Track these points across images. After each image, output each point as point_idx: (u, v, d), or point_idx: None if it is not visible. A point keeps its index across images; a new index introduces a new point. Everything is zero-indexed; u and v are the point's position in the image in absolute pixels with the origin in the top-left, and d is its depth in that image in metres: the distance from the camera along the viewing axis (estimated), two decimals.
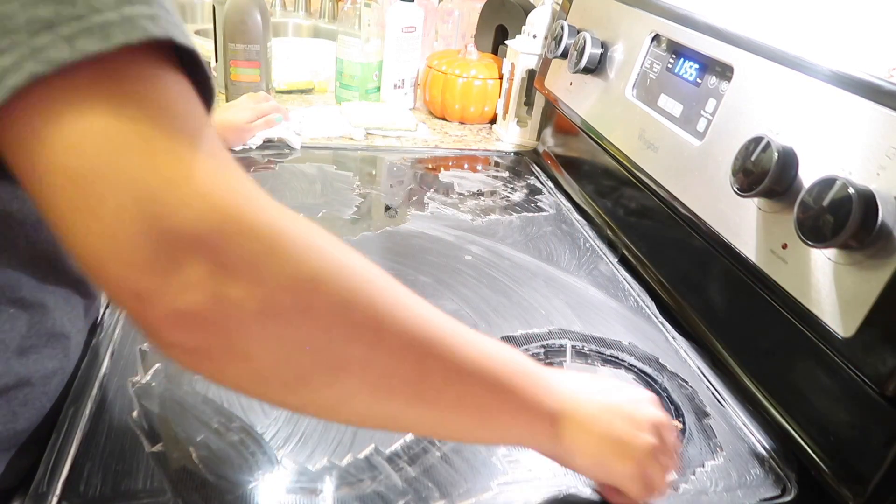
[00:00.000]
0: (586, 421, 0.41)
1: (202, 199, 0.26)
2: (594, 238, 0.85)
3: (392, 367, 0.32)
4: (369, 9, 1.14)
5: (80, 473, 0.43)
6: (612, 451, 0.41)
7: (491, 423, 0.38)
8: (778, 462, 0.52)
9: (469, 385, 0.36)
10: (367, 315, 0.31)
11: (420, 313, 0.34)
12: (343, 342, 0.30)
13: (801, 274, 0.50)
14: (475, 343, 0.37)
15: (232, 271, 0.26)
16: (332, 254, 0.30)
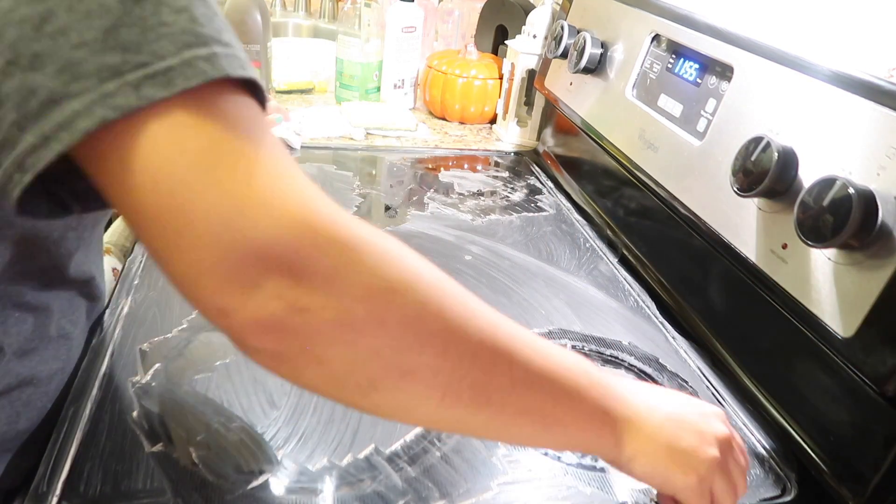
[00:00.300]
0: (651, 430, 0.40)
1: (280, 217, 0.28)
2: (594, 238, 0.85)
3: (460, 375, 0.33)
4: (369, 9, 1.14)
5: (80, 473, 0.43)
6: (674, 462, 0.41)
7: (555, 429, 0.38)
8: (778, 462, 0.52)
9: (535, 393, 0.36)
10: (437, 325, 0.32)
11: (488, 323, 0.35)
12: (413, 350, 0.32)
13: (801, 274, 0.50)
14: (542, 351, 0.37)
15: (308, 283, 0.28)
16: (405, 265, 0.32)
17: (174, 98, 0.27)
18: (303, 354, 0.30)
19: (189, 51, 0.27)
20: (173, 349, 0.55)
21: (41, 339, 0.47)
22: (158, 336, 0.56)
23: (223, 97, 0.29)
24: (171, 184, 0.27)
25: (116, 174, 0.27)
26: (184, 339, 0.56)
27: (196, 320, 0.59)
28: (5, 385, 0.45)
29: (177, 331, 0.57)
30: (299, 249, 0.28)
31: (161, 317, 0.59)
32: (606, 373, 0.41)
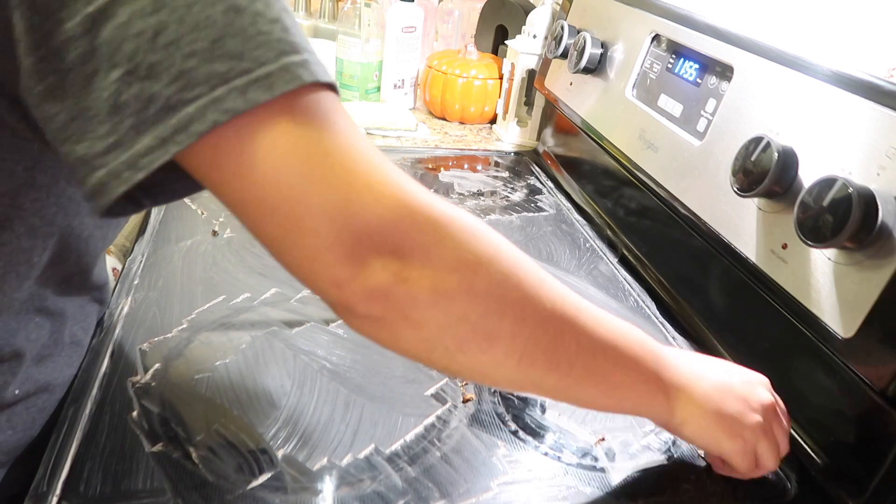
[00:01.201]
0: (700, 397, 0.44)
1: (383, 201, 0.32)
2: (594, 238, 0.85)
3: (535, 340, 0.37)
4: (369, 9, 1.14)
5: (80, 473, 0.43)
6: (721, 427, 0.45)
7: (616, 393, 0.43)
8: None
9: (598, 358, 0.41)
10: (516, 294, 0.36)
11: (558, 294, 0.39)
12: (496, 316, 0.36)
13: (801, 274, 0.50)
14: (604, 320, 0.41)
15: (409, 257, 0.32)
16: (490, 241, 0.35)
17: (277, 100, 0.30)
18: (403, 320, 0.34)
19: (286, 57, 0.30)
20: (173, 349, 0.55)
21: (56, 346, 0.48)
22: (158, 336, 0.56)
23: (317, 98, 0.32)
24: (288, 178, 0.30)
25: (234, 172, 0.31)
26: (184, 339, 0.56)
27: (196, 320, 0.59)
28: (24, 392, 0.46)
29: (177, 331, 0.57)
30: (401, 228, 0.32)
31: (161, 317, 0.59)
32: (659, 344, 0.45)
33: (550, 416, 0.53)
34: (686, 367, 0.45)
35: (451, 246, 0.34)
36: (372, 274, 0.32)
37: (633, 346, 0.42)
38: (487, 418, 0.52)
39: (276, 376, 0.53)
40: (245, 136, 0.30)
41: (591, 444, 0.51)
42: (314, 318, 0.61)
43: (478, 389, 0.55)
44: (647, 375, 0.43)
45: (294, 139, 0.31)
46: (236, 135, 0.30)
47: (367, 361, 0.57)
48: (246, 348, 0.56)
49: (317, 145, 0.31)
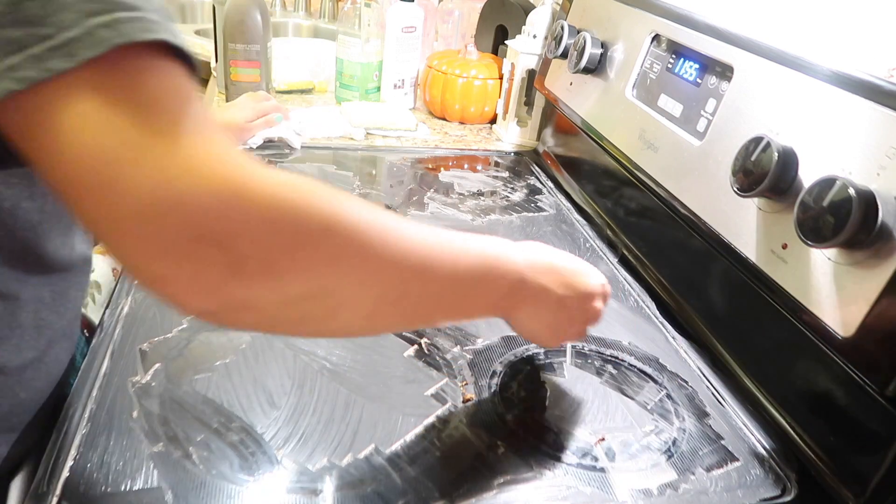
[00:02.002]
0: (536, 313, 0.49)
1: (205, 185, 0.29)
2: (594, 238, 0.85)
3: (381, 297, 0.37)
4: (369, 9, 1.14)
5: (80, 473, 0.43)
6: (546, 334, 0.52)
7: (461, 313, 0.48)
8: (778, 462, 0.52)
9: (445, 297, 0.42)
10: (357, 260, 0.35)
11: (405, 245, 0.37)
12: (337, 287, 0.34)
13: (801, 274, 0.50)
14: (450, 258, 0.41)
15: (238, 248, 0.29)
16: (327, 209, 0.33)
17: (81, 69, 0.27)
18: (238, 310, 0.32)
19: (91, 19, 0.27)
20: (173, 349, 0.55)
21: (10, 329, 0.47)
22: (158, 336, 0.56)
23: (136, 64, 0.29)
24: (98, 159, 0.28)
25: (42, 147, 0.28)
26: (184, 339, 0.56)
27: (196, 320, 0.59)
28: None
29: (177, 331, 0.57)
30: (227, 215, 0.29)
31: (161, 317, 0.59)
32: (510, 259, 0.46)
33: (550, 416, 0.53)
34: (533, 285, 0.47)
35: (284, 227, 0.31)
36: (199, 270, 0.29)
37: (483, 276, 0.44)
38: (487, 418, 0.52)
39: (276, 376, 0.53)
40: (48, 108, 0.27)
41: (591, 444, 0.51)
42: None
43: (478, 389, 0.55)
44: (496, 300, 0.46)
45: (105, 113, 0.28)
46: (38, 106, 0.27)
47: (367, 361, 0.57)
48: (246, 348, 0.56)
49: (131, 120, 0.28)
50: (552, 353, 0.61)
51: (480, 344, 0.61)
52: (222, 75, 1.11)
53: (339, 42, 1.18)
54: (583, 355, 0.61)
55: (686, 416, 0.55)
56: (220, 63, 1.13)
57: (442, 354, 0.59)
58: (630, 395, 0.57)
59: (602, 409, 0.55)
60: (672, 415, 0.55)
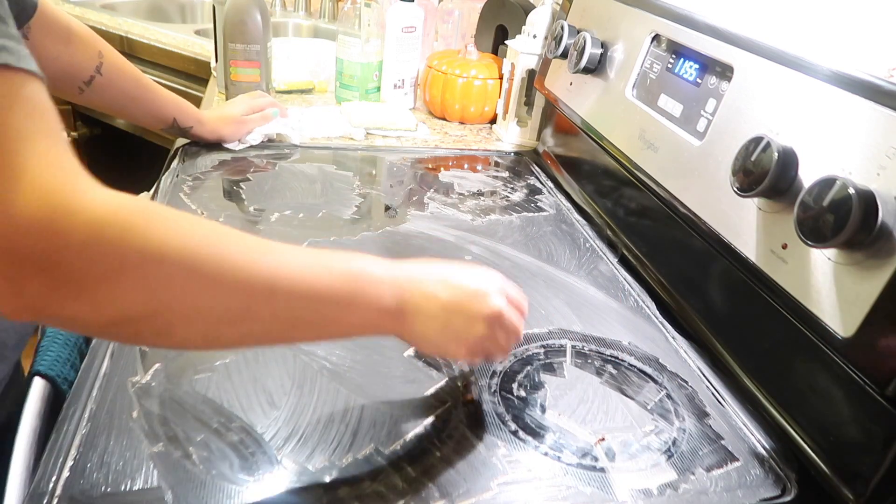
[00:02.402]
0: (427, 317, 0.46)
1: (31, 207, 0.29)
2: (594, 238, 0.85)
3: (215, 320, 0.37)
4: (369, 9, 1.14)
5: (80, 473, 0.43)
6: (447, 340, 0.48)
7: (335, 333, 0.46)
8: (778, 462, 0.52)
9: (299, 313, 0.41)
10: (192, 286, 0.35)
11: (249, 268, 0.37)
12: (167, 313, 0.35)
13: (801, 274, 0.50)
14: (303, 276, 0.40)
15: (63, 276, 0.30)
16: (160, 235, 0.33)
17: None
18: (65, 323, 0.34)
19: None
20: (173, 349, 0.55)
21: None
22: None
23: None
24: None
25: None
26: None
27: None
28: None
29: None
30: (47, 238, 0.29)
31: None
32: (380, 263, 0.45)
33: (550, 416, 0.53)
34: (414, 290, 0.45)
35: (106, 252, 0.31)
36: (28, 296, 0.30)
37: (345, 288, 0.42)
38: (487, 418, 0.52)
39: (276, 376, 0.53)
40: None
41: (591, 444, 0.51)
42: None
43: (478, 390, 0.55)
44: (368, 310, 0.43)
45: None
46: None
47: (367, 361, 0.57)
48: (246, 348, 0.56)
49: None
50: (552, 353, 0.61)
51: None
52: (222, 75, 1.11)
53: (339, 42, 1.18)
54: (583, 355, 0.61)
55: (686, 416, 0.55)
56: (220, 63, 1.13)
57: None
58: (630, 395, 0.57)
59: (602, 409, 0.55)
60: (672, 415, 0.55)
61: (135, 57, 1.58)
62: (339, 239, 0.76)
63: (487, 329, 0.48)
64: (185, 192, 0.82)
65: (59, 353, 0.55)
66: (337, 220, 0.80)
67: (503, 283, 0.50)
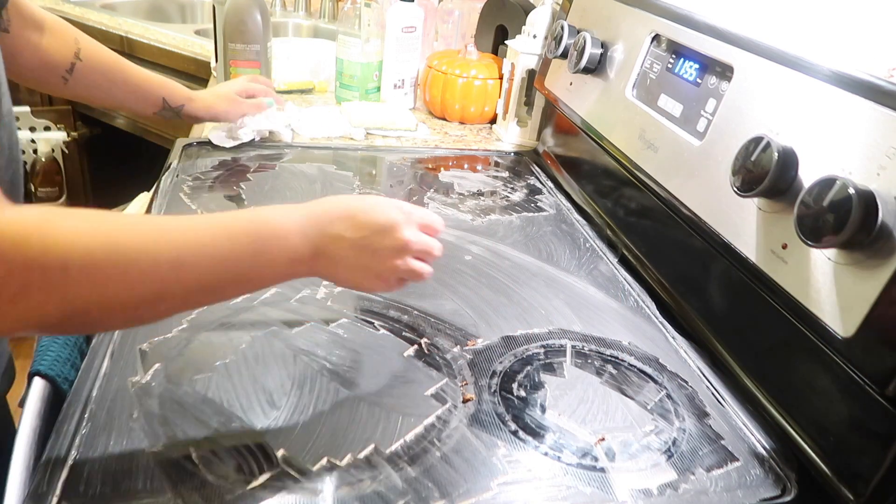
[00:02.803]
0: (337, 259, 0.49)
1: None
2: (594, 238, 0.85)
3: (138, 305, 0.40)
4: (369, 9, 1.14)
5: (80, 473, 0.43)
6: (362, 278, 0.51)
7: (252, 286, 0.48)
8: (778, 462, 0.52)
9: (219, 281, 0.44)
10: (96, 287, 0.38)
11: (143, 260, 0.40)
12: (87, 309, 0.38)
13: (801, 274, 0.50)
14: (205, 246, 0.42)
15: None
16: (54, 251, 0.36)
17: None
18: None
19: None
20: (173, 349, 0.55)
21: None
22: (158, 336, 0.56)
23: None
24: None
25: None
26: (184, 339, 0.56)
27: (196, 320, 0.59)
28: None
29: (177, 331, 0.57)
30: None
31: None
32: (287, 215, 0.47)
33: (550, 416, 0.53)
34: (319, 236, 0.47)
35: (13, 271, 0.34)
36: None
37: (257, 251, 0.44)
38: (487, 418, 0.52)
39: (276, 376, 0.53)
40: None
41: (591, 444, 0.51)
42: (314, 318, 0.61)
43: (478, 390, 0.55)
44: (284, 267, 0.47)
45: None
46: None
47: (367, 361, 0.57)
48: (246, 348, 0.56)
49: None
50: (552, 353, 0.61)
51: (480, 344, 0.61)
52: (222, 75, 1.11)
53: (339, 42, 1.18)
54: (583, 355, 0.61)
55: (686, 416, 0.55)
56: (220, 63, 1.13)
57: (442, 354, 0.59)
58: (630, 395, 0.57)
59: (602, 409, 0.55)
60: (672, 415, 0.55)
61: (135, 57, 1.58)
62: None
63: (399, 260, 0.51)
64: (185, 192, 0.82)
65: (59, 353, 0.55)
66: None
67: (410, 211, 0.52)
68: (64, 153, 1.80)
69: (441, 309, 0.65)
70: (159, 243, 0.40)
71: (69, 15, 1.65)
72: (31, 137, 1.77)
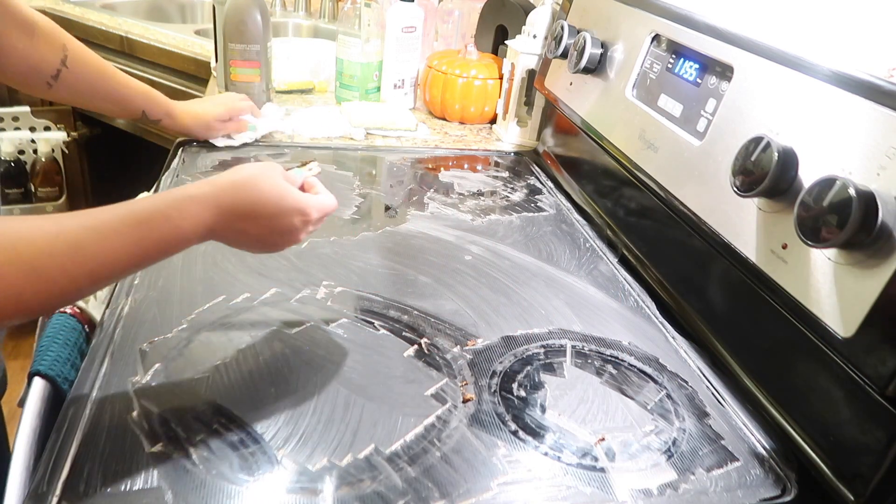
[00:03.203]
0: (237, 244, 0.53)
1: None
2: (594, 238, 0.85)
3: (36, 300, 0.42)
4: (369, 9, 1.14)
5: (80, 473, 0.43)
6: (258, 250, 0.56)
7: (148, 263, 0.48)
8: (778, 462, 0.52)
9: (121, 270, 0.45)
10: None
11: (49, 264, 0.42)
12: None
13: (801, 274, 0.50)
14: (108, 240, 0.44)
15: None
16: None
17: None
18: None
19: None
20: (173, 349, 0.55)
21: None
22: (158, 336, 0.56)
23: None
24: None
25: None
26: (184, 339, 0.56)
27: (196, 320, 0.59)
28: None
29: (177, 331, 0.57)
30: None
31: (161, 317, 0.59)
32: (189, 211, 0.48)
33: (550, 416, 0.53)
34: (222, 232, 0.50)
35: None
36: None
37: (147, 238, 0.46)
38: (487, 418, 0.52)
39: (277, 376, 0.53)
40: None
41: (591, 444, 0.51)
42: (314, 318, 0.61)
43: (478, 390, 0.55)
44: (179, 238, 0.48)
45: None
46: None
47: (367, 361, 0.57)
48: (246, 348, 0.56)
49: None
50: (552, 353, 0.61)
51: (480, 344, 0.61)
52: (222, 75, 1.11)
53: (339, 42, 1.18)
54: (583, 355, 0.61)
55: (686, 416, 0.55)
56: (220, 63, 1.13)
57: (442, 354, 0.59)
58: (630, 395, 0.57)
59: (602, 409, 0.55)
60: (672, 415, 0.55)
61: (135, 57, 1.58)
62: (338, 239, 0.76)
63: (294, 243, 0.56)
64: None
65: (59, 353, 0.55)
66: (337, 220, 0.80)
67: (308, 214, 0.55)
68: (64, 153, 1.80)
69: (441, 309, 0.65)
70: (62, 251, 0.42)
71: (69, 15, 1.65)
72: (31, 137, 1.77)
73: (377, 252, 0.74)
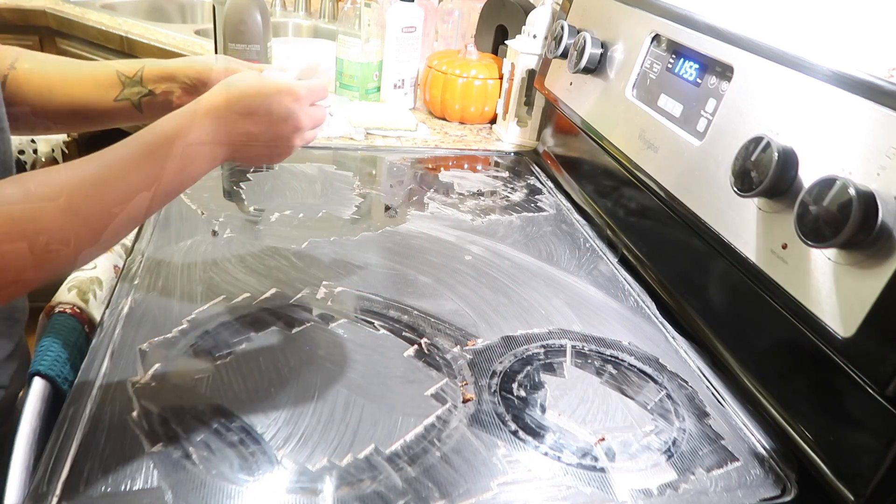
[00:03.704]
0: (247, 150, 0.56)
1: None
2: (594, 238, 0.85)
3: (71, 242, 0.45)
4: (369, 9, 1.14)
5: (80, 473, 0.43)
6: (266, 157, 0.59)
7: (167, 199, 0.53)
8: (778, 462, 0.52)
9: (132, 200, 0.48)
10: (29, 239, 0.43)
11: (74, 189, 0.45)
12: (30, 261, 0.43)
13: (801, 274, 0.50)
14: (122, 173, 0.48)
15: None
16: None
17: None
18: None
19: None
20: (173, 349, 0.55)
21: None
22: (158, 336, 0.56)
23: None
24: None
25: None
26: (184, 339, 0.56)
27: (196, 320, 0.59)
28: None
29: (177, 331, 0.57)
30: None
31: (161, 317, 0.59)
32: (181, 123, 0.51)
33: (550, 416, 0.53)
34: (230, 137, 0.53)
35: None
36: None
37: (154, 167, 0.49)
38: (487, 418, 0.52)
39: (276, 376, 0.53)
40: None
41: (591, 444, 0.51)
42: (314, 318, 0.61)
43: (478, 390, 0.55)
44: (197, 174, 0.53)
45: None
46: None
47: (367, 361, 0.57)
48: (246, 348, 0.56)
49: None
50: (552, 353, 0.61)
51: (480, 344, 0.61)
52: None
53: (339, 42, 1.18)
54: (583, 355, 0.61)
55: (686, 416, 0.55)
56: None
57: (442, 354, 0.59)
58: (630, 395, 0.57)
59: (602, 409, 0.55)
60: (672, 415, 0.55)
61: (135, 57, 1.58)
62: (338, 239, 0.76)
63: (297, 139, 0.58)
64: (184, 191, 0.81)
65: (59, 353, 0.55)
66: (337, 220, 0.80)
67: (299, 94, 0.56)
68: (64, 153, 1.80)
69: (441, 309, 0.65)
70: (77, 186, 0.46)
71: (69, 15, 1.65)
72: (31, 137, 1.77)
73: (377, 252, 0.74)
